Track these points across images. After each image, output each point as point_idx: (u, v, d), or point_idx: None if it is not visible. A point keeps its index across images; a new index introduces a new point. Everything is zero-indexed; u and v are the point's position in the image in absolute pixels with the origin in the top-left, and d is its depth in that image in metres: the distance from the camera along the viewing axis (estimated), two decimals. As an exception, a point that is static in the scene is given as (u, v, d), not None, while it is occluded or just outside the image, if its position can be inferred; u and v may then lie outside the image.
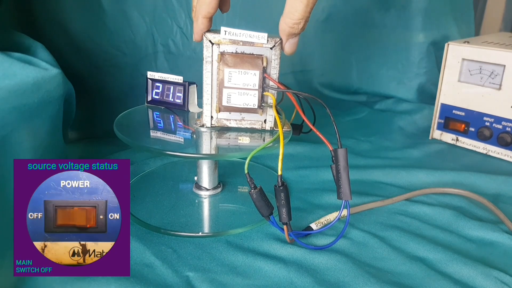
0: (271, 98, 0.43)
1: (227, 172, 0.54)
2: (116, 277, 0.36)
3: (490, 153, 0.64)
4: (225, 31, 0.41)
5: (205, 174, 0.49)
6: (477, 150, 0.65)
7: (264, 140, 0.44)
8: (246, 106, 0.42)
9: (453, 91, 0.66)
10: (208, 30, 0.42)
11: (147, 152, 0.56)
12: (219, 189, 0.50)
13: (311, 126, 0.42)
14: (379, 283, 0.37)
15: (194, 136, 0.45)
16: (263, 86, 0.42)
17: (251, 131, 0.45)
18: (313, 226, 0.44)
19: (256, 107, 0.42)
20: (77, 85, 0.53)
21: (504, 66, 0.60)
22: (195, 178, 0.50)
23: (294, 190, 0.52)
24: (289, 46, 0.43)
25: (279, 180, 0.39)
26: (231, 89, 0.42)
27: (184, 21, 0.74)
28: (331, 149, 0.39)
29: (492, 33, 0.89)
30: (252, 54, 0.42)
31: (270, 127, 0.45)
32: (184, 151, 0.41)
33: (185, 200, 0.49)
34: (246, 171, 0.38)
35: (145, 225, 0.44)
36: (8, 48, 0.43)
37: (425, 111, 0.77)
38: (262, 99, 0.43)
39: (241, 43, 0.41)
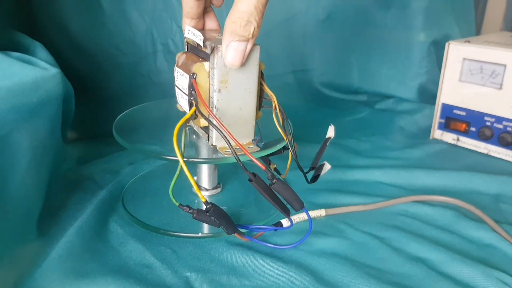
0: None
1: (226, 172, 0.54)
2: (116, 277, 0.36)
3: (491, 153, 0.64)
4: (188, 30, 0.40)
5: (205, 175, 0.48)
6: (478, 150, 0.65)
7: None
8: (186, 110, 0.39)
9: (454, 90, 0.66)
10: (200, 28, 0.41)
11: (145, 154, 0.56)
12: (219, 189, 0.50)
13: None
14: (379, 284, 0.36)
15: (194, 136, 0.45)
16: (191, 93, 0.38)
17: None
18: (284, 222, 0.43)
19: (187, 112, 0.38)
20: (76, 85, 0.53)
21: (505, 65, 0.60)
22: (195, 178, 0.50)
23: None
24: (229, 52, 0.35)
25: (206, 205, 0.36)
26: (177, 89, 0.41)
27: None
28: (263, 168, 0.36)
29: (493, 32, 0.89)
30: (201, 57, 0.39)
31: (212, 144, 0.39)
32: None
33: (185, 201, 0.48)
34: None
35: (144, 226, 0.44)
36: (7, 47, 0.43)
37: (425, 110, 0.77)
38: (190, 107, 0.38)
39: (197, 44, 0.39)
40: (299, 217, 0.45)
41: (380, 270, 0.39)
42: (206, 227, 0.44)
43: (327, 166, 0.42)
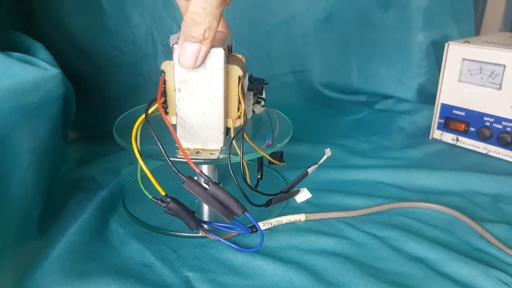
0: None
1: (227, 171, 0.54)
2: (117, 277, 0.36)
3: (490, 153, 0.64)
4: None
5: (206, 174, 0.48)
6: (477, 150, 0.65)
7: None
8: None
9: (453, 91, 0.66)
10: None
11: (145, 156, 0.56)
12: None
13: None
14: (379, 283, 0.37)
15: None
16: (162, 89, 0.38)
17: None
18: (261, 225, 0.43)
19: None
20: (77, 85, 0.53)
21: (504, 66, 0.60)
22: (195, 178, 0.50)
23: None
24: (181, 53, 0.35)
25: (165, 199, 0.36)
26: None
27: (184, 21, 0.74)
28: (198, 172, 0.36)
29: (492, 33, 0.89)
30: None
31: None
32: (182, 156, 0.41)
33: (185, 200, 0.49)
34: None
35: (144, 225, 0.44)
36: (7, 48, 0.43)
37: (425, 111, 0.77)
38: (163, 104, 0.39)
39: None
40: (276, 221, 0.45)
41: (379, 269, 0.39)
42: (206, 227, 0.44)
43: (306, 194, 0.41)
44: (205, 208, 0.48)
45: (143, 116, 0.37)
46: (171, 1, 0.73)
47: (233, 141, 0.38)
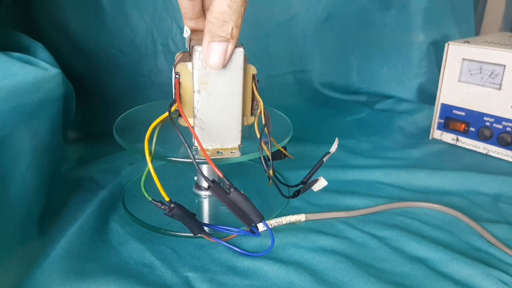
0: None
1: (227, 172, 0.54)
2: (117, 277, 0.36)
3: (490, 153, 0.64)
4: (186, 30, 0.40)
5: (205, 175, 0.48)
6: (477, 150, 0.65)
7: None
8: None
9: (453, 91, 0.66)
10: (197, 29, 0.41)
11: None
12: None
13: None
14: (379, 283, 0.37)
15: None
16: (174, 92, 0.38)
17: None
18: (260, 227, 0.43)
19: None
20: (77, 85, 0.53)
21: (504, 66, 0.60)
22: (195, 178, 0.50)
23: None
24: (209, 53, 0.34)
25: (168, 207, 0.36)
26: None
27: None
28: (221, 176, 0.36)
29: (492, 33, 0.89)
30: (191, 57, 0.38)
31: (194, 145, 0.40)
32: (182, 156, 0.41)
33: (185, 200, 0.48)
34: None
35: (144, 225, 0.44)
36: (7, 48, 0.43)
37: (425, 111, 0.77)
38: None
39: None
40: (276, 222, 0.45)
41: (379, 269, 0.39)
42: (206, 227, 0.44)
43: (323, 182, 0.41)
44: (205, 208, 0.48)
45: (162, 117, 0.36)
46: (171, 1, 0.73)
47: (261, 140, 0.38)
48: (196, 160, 0.36)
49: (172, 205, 0.36)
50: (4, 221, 0.37)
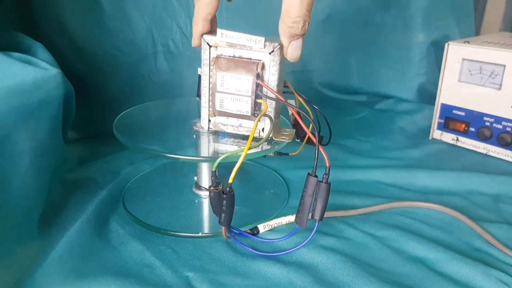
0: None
1: (227, 172, 0.54)
2: (117, 277, 0.36)
3: (490, 153, 0.64)
4: (222, 33, 0.40)
5: (205, 175, 0.49)
6: (477, 150, 0.65)
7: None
8: (239, 113, 0.40)
9: (453, 91, 0.66)
10: (208, 32, 0.41)
11: (146, 153, 0.56)
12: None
13: (312, 137, 0.39)
14: (379, 283, 0.37)
15: (195, 136, 0.45)
16: (257, 93, 0.40)
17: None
18: (261, 228, 0.43)
19: (249, 114, 0.40)
20: (77, 85, 0.53)
21: (504, 66, 0.60)
22: (195, 178, 0.50)
23: (294, 190, 0.52)
24: (292, 51, 0.39)
25: (228, 188, 0.37)
26: (223, 94, 0.40)
27: (184, 21, 0.74)
28: (328, 165, 0.38)
29: (492, 33, 0.89)
30: (250, 58, 0.40)
31: (270, 137, 0.41)
32: (182, 153, 0.41)
33: (185, 200, 0.49)
34: (214, 169, 0.37)
35: (145, 225, 0.44)
36: (7, 48, 0.43)
37: (425, 111, 0.77)
38: (255, 106, 0.40)
39: (238, 46, 0.40)
40: (276, 222, 0.44)
41: (379, 269, 0.39)
42: (206, 227, 0.45)
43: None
44: (205, 208, 0.48)
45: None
46: (171, 1, 0.73)
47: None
48: (195, 159, 0.37)
49: (230, 189, 0.37)
50: (4, 221, 0.37)
